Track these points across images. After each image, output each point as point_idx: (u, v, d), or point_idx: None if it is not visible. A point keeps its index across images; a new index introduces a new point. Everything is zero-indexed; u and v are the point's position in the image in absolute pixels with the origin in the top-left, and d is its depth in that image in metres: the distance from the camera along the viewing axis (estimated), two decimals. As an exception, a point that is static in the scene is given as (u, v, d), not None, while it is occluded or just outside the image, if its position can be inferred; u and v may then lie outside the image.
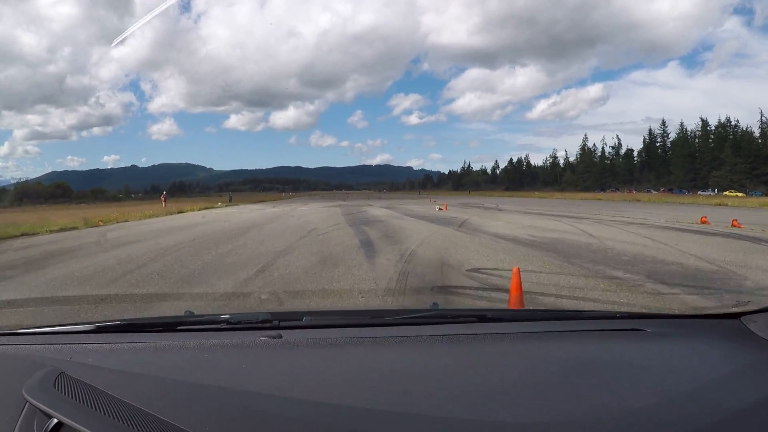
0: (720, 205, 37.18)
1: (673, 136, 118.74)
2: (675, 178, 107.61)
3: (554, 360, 1.28)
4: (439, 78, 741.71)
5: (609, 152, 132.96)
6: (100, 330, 1.59)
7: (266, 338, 1.44)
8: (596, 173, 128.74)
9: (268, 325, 1.56)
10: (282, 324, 1.56)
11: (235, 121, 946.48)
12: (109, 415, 0.90)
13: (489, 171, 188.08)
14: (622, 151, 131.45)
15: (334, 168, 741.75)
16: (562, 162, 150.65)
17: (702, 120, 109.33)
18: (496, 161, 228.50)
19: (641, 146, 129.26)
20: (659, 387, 1.07)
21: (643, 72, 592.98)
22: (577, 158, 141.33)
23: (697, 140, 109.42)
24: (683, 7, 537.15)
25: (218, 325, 1.60)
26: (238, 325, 1.58)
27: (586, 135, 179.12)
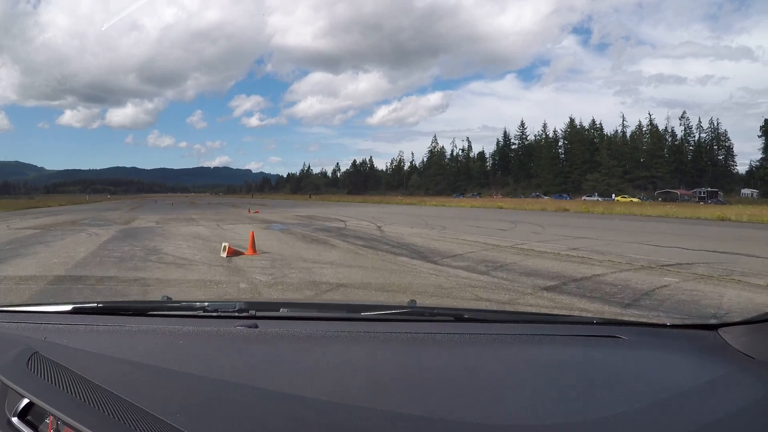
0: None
1: (531, 139, 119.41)
2: (541, 181, 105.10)
3: (529, 363, 1.29)
4: (282, 80, 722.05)
5: (459, 155, 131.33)
6: (76, 311, 1.61)
7: (242, 327, 1.44)
8: (450, 176, 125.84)
9: (244, 314, 1.56)
10: (258, 314, 1.57)
11: (69, 117, 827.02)
12: (81, 398, 0.89)
13: (330, 174, 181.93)
14: (472, 154, 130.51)
15: (172, 170, 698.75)
16: (407, 165, 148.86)
17: (571, 119, 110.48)
18: (338, 164, 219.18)
19: (493, 150, 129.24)
20: (633, 395, 1.07)
21: (482, 83, 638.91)
22: (423, 162, 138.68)
23: (561, 144, 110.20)
24: (525, 23, 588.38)
25: (195, 312, 1.62)
26: (215, 313, 1.58)
27: (435, 137, 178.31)
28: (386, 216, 25.20)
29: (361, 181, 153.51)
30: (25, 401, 0.92)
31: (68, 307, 1.62)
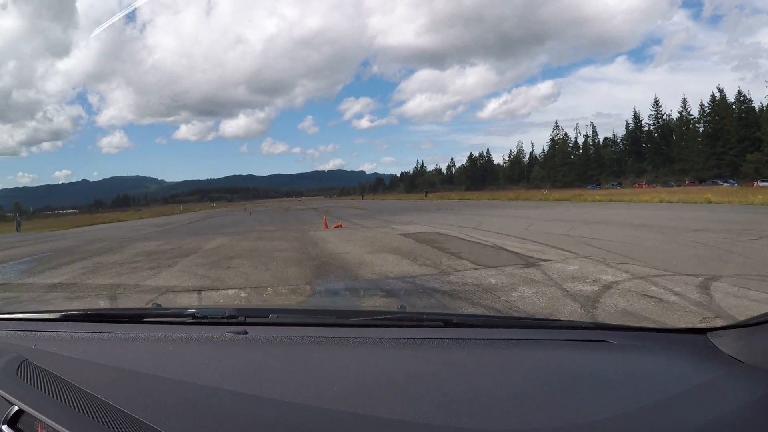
0: None
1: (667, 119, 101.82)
2: (687, 165, 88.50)
3: (518, 368, 1.28)
4: (389, 80, 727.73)
5: (588, 141, 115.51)
6: (66, 318, 1.62)
7: (231, 334, 1.44)
8: (579, 165, 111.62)
9: (234, 320, 1.56)
10: (248, 320, 1.57)
11: (185, 131, 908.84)
12: (70, 404, 0.90)
13: (444, 170, 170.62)
14: (598, 139, 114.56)
15: (287, 175, 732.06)
16: (526, 157, 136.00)
17: (714, 94, 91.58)
18: (452, 159, 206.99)
19: (622, 134, 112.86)
20: (622, 399, 1.07)
21: (593, 67, 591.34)
22: (543, 152, 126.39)
23: (702, 122, 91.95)
24: (631, 1, 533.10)
25: (184, 319, 1.61)
26: (204, 320, 1.58)
27: (557, 124, 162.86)
28: (593, 232, 13.05)
29: (479, 175, 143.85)
30: (15, 409, 0.92)
31: (57, 315, 1.64)
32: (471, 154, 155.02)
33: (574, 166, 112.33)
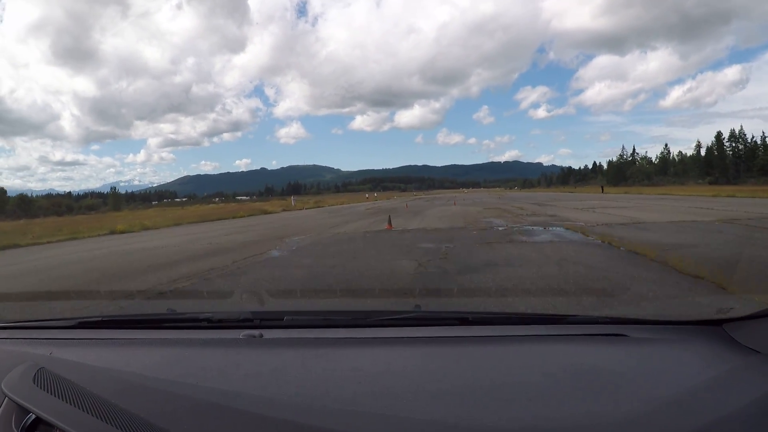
0: None
1: None
2: None
3: (535, 364, 1.27)
4: (567, 67, 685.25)
5: None
6: (81, 326, 1.62)
7: (247, 337, 1.45)
8: None
9: (248, 324, 1.56)
10: (263, 323, 1.57)
11: (360, 121, 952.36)
12: (88, 411, 0.90)
13: (654, 159, 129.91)
14: None
15: (462, 166, 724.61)
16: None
17: None
18: (666, 145, 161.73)
19: None
20: (640, 393, 1.07)
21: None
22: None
23: None
24: None
25: (199, 323, 1.61)
26: (219, 324, 1.59)
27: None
28: None
29: (721, 165, 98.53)
30: (33, 417, 0.93)
31: (72, 322, 1.64)
32: (719, 133, 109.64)
33: None
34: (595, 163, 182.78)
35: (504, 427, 0.92)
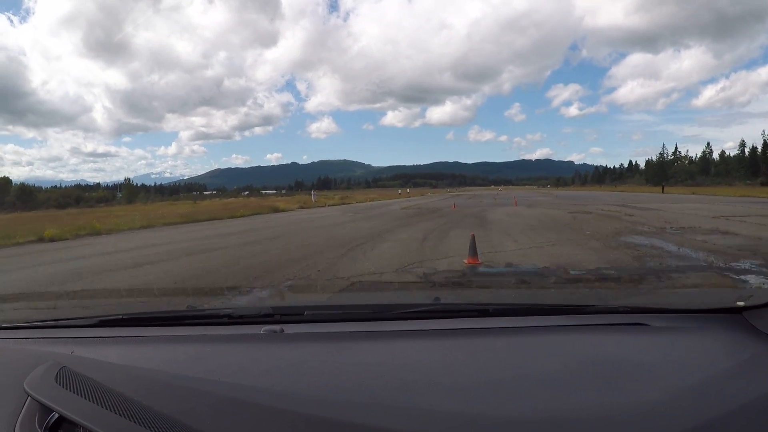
0: None
1: None
2: None
3: (556, 355, 1.27)
4: (599, 65, 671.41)
5: None
6: (102, 324, 1.62)
7: (268, 332, 1.46)
8: None
9: (269, 319, 1.56)
10: (284, 318, 1.57)
11: (391, 117, 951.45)
12: (110, 409, 0.91)
13: (695, 159, 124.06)
14: None
15: (494, 163, 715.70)
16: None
17: None
18: (708, 144, 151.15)
19: None
20: (662, 382, 1.07)
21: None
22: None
23: None
24: None
25: (220, 319, 1.61)
26: (240, 320, 1.59)
27: None
28: None
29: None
30: (56, 416, 0.93)
31: (93, 321, 1.64)
32: (742, 141, 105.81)
33: None
34: (630, 161, 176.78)
35: (526, 418, 0.92)
